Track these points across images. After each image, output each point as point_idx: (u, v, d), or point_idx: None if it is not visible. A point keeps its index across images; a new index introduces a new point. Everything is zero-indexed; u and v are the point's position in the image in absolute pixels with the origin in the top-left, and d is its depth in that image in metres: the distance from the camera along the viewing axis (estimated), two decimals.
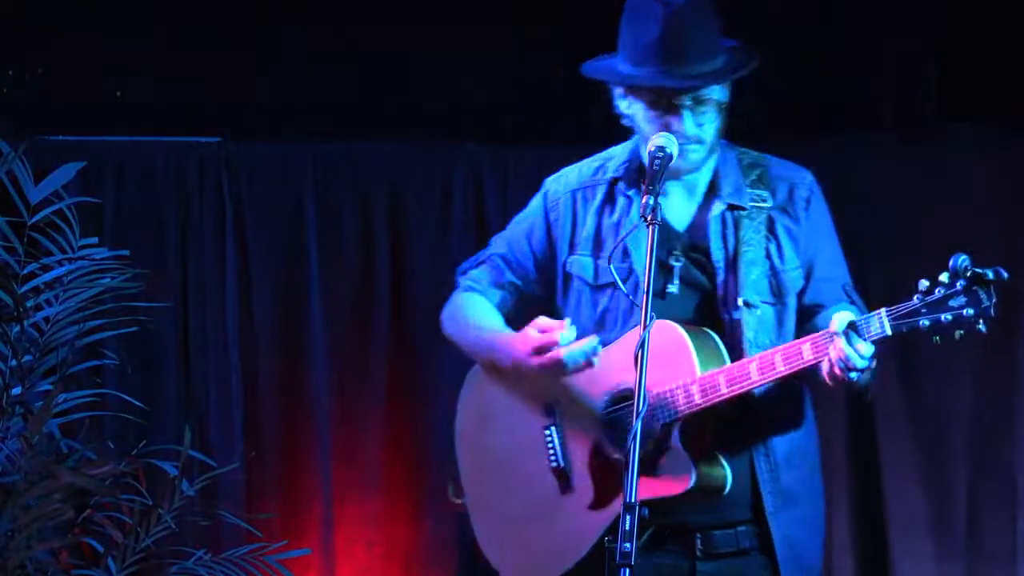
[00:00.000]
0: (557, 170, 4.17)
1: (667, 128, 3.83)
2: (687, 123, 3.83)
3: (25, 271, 5.15)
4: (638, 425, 3.47)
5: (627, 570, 3.37)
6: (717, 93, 3.85)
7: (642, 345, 3.51)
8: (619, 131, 4.00)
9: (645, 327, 3.52)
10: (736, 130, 3.98)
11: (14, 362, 5.06)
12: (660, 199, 3.72)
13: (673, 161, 3.79)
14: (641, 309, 3.53)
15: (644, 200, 3.66)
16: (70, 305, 5.16)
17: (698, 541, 3.87)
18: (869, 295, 4.04)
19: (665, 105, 3.83)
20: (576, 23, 5.75)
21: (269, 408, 6.07)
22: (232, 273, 6.04)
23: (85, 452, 5.13)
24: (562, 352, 3.83)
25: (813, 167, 4.05)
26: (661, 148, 3.77)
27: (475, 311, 4.13)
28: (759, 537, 3.88)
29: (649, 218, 3.63)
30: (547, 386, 3.97)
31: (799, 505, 3.91)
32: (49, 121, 5.90)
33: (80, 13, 5.88)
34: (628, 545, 3.38)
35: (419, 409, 6.04)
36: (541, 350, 3.86)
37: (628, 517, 3.39)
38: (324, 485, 6.02)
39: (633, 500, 3.41)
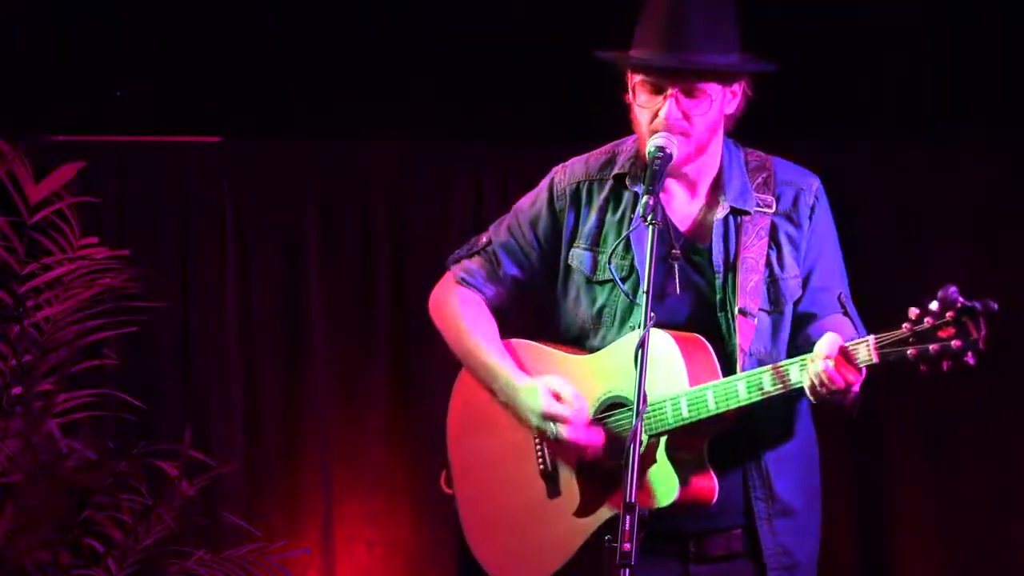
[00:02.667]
0: None
1: (655, 116, 3.78)
2: (671, 111, 3.76)
3: (25, 271, 5.15)
4: (638, 425, 3.47)
5: (627, 570, 3.37)
6: (713, 88, 3.79)
7: (642, 344, 3.50)
8: (619, 131, 3.99)
9: (646, 326, 3.52)
10: (735, 129, 3.97)
11: (14, 362, 5.07)
12: (663, 197, 3.71)
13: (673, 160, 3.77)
14: (642, 308, 3.52)
15: (644, 200, 3.65)
16: (70, 305, 5.16)
17: (691, 544, 3.85)
18: (868, 297, 4.03)
19: (654, 89, 3.78)
20: (578, 23, 5.76)
21: (269, 408, 6.07)
22: (232, 273, 6.04)
23: (85, 452, 5.13)
24: (565, 434, 3.84)
25: (812, 168, 4.03)
26: (661, 148, 3.74)
27: (476, 321, 4.06)
28: (753, 542, 3.85)
29: (650, 218, 3.62)
30: None
31: (794, 512, 3.88)
32: (49, 121, 5.90)
33: (80, 12, 5.88)
34: (628, 545, 3.37)
35: (419, 409, 6.04)
36: (548, 416, 3.86)
37: (628, 517, 3.39)
38: (324, 485, 6.02)
39: (633, 500, 3.40)
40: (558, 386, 3.87)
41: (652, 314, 3.54)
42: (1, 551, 4.92)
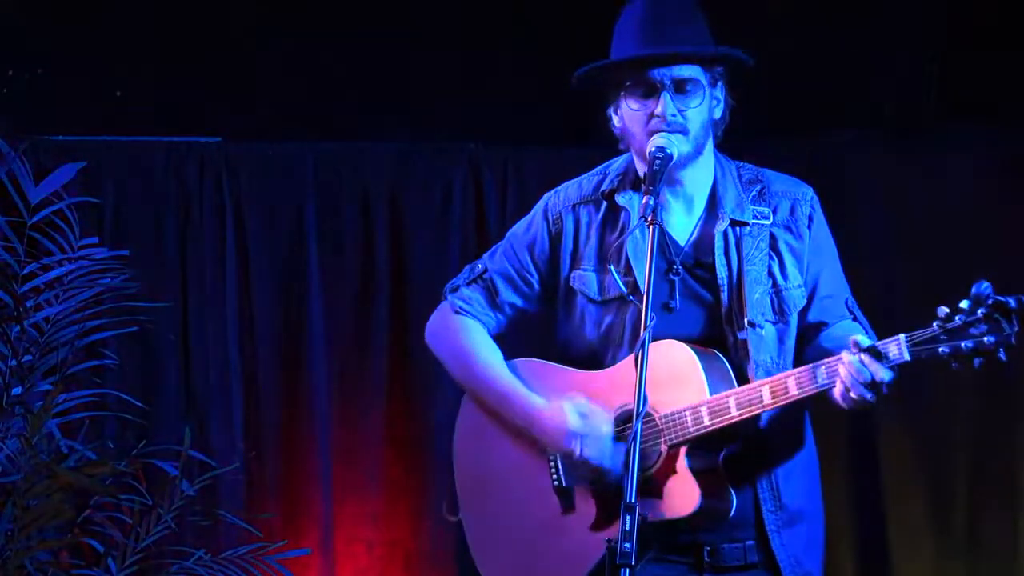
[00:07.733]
0: (556, 170, 4.15)
1: (650, 117, 3.79)
2: (667, 105, 3.78)
3: (25, 271, 5.16)
4: (638, 425, 3.47)
5: (627, 570, 3.37)
6: (702, 77, 3.81)
7: (643, 346, 3.50)
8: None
9: (645, 327, 3.52)
10: (734, 129, 3.97)
11: (14, 362, 5.07)
12: (660, 212, 3.71)
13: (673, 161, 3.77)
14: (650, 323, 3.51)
15: (644, 200, 3.65)
16: (70, 305, 5.17)
17: (705, 554, 3.85)
18: (867, 295, 4.03)
19: (646, 88, 3.80)
20: (578, 23, 5.75)
21: (269, 408, 6.06)
22: (232, 273, 6.04)
23: (85, 452, 5.14)
24: (590, 453, 3.82)
25: (812, 169, 4.03)
26: (661, 148, 3.75)
27: (481, 349, 4.05)
28: (766, 553, 3.87)
29: (650, 218, 3.62)
30: None
31: (802, 522, 3.90)
32: (49, 121, 5.90)
33: (80, 13, 5.88)
34: (628, 545, 3.37)
35: (419, 409, 6.04)
36: (576, 434, 3.84)
37: (628, 517, 3.39)
38: (324, 485, 6.01)
39: (633, 500, 3.41)
40: (582, 404, 3.87)
41: (653, 315, 3.54)
42: (1, 551, 4.92)
